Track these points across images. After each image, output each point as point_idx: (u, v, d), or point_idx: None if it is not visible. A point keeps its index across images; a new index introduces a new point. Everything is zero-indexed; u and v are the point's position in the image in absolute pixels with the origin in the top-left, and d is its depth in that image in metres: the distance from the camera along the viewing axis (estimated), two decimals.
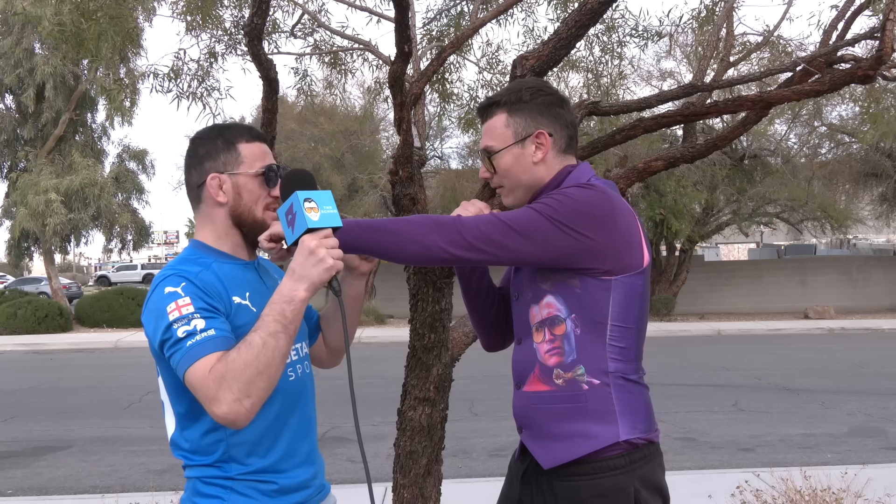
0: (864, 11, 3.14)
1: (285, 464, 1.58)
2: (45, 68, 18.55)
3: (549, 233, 1.56)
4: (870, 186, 20.28)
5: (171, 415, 1.59)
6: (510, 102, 1.75)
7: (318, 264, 1.44)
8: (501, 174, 1.76)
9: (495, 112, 1.76)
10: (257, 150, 1.70)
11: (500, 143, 1.75)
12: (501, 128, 1.75)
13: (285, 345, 1.43)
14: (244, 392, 1.38)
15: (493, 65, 5.63)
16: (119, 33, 4.12)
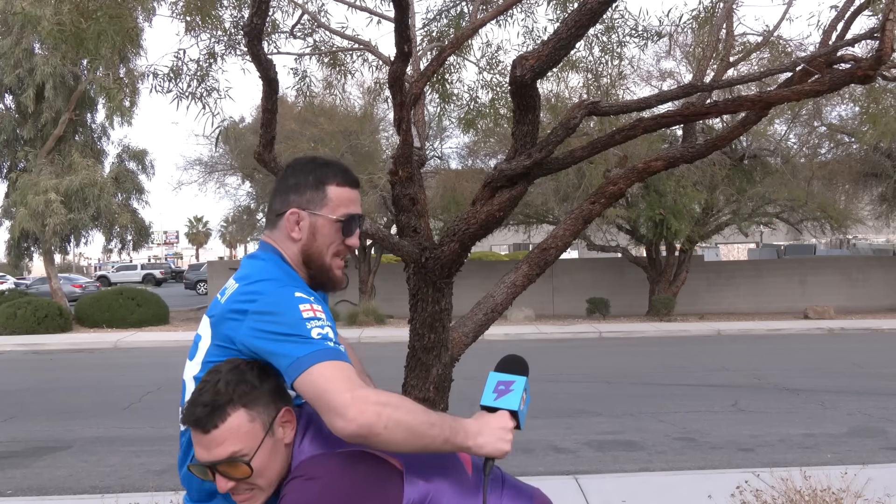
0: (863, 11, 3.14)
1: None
2: (44, 68, 18.54)
3: None
4: (869, 186, 20.28)
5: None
6: (245, 393, 1.55)
7: (501, 443, 1.56)
8: (255, 476, 1.55)
9: (230, 413, 1.54)
10: (346, 195, 1.70)
11: (247, 444, 1.54)
12: (245, 426, 1.53)
13: (422, 443, 1.46)
14: (376, 407, 1.40)
15: (492, 65, 5.63)
16: (119, 33, 4.12)
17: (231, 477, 1.53)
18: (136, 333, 17.84)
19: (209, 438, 1.51)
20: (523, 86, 2.74)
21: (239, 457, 1.51)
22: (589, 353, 13.83)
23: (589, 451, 6.48)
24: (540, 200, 18.06)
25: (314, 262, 1.67)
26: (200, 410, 1.52)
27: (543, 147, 2.88)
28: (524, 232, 21.78)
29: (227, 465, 1.52)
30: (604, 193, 3.11)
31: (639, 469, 5.85)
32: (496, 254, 40.22)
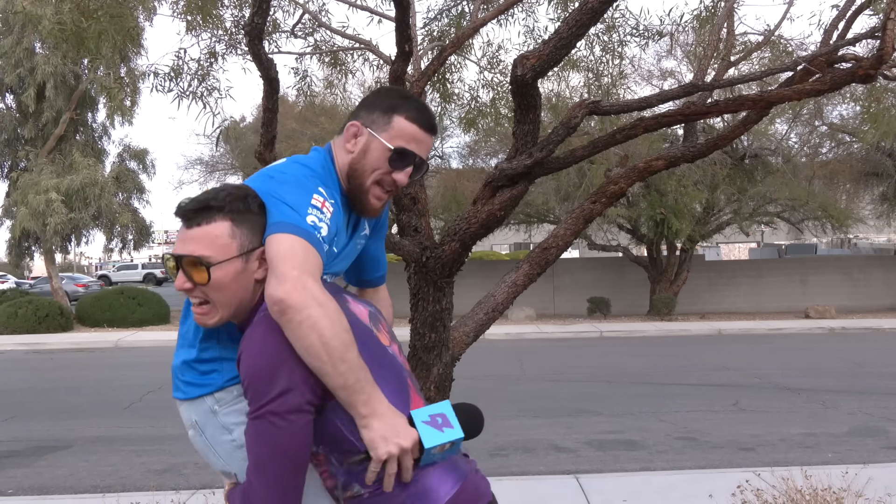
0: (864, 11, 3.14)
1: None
2: (45, 68, 18.55)
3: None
4: (870, 186, 20.27)
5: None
6: (236, 211, 1.60)
7: (385, 443, 1.50)
8: (212, 287, 1.59)
9: (216, 217, 1.59)
10: (411, 131, 1.72)
11: (217, 254, 1.58)
12: (224, 238, 1.58)
13: (320, 366, 1.48)
14: (310, 299, 1.46)
15: (493, 64, 5.63)
16: (119, 32, 4.12)
17: (189, 277, 1.59)
18: (137, 333, 17.85)
19: (189, 234, 1.58)
20: (524, 85, 2.74)
21: (204, 259, 1.57)
22: (590, 352, 13.82)
23: (590, 450, 6.48)
24: (541, 200, 18.06)
25: (355, 180, 1.72)
26: (192, 205, 1.60)
27: (544, 146, 2.88)
28: (525, 231, 21.78)
29: (191, 265, 1.58)
30: (605, 193, 3.11)
31: (639, 468, 5.84)
32: (497, 253, 40.22)
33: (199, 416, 1.71)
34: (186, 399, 1.73)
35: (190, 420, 1.74)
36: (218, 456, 1.71)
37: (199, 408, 1.70)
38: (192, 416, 1.73)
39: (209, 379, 1.70)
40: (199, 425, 1.71)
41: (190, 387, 1.72)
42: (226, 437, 1.69)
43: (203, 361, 1.71)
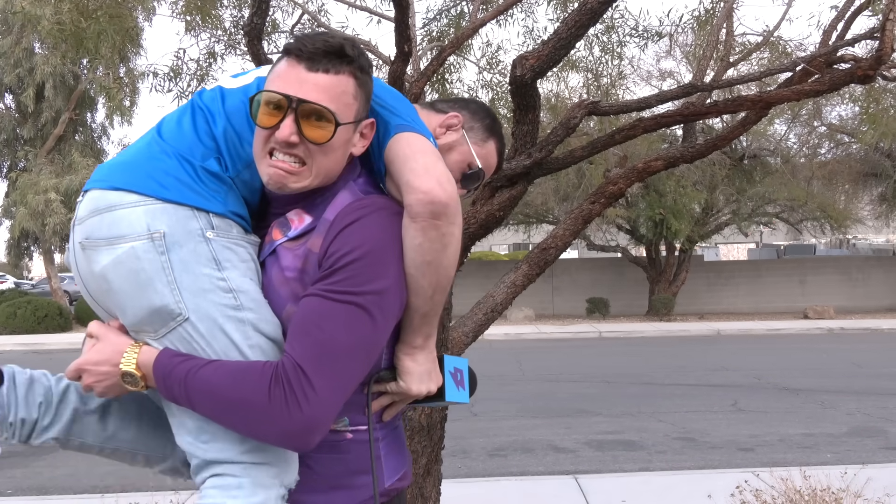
0: (863, 12, 3.14)
1: None
2: (44, 68, 18.55)
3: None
4: (869, 186, 20.28)
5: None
6: (363, 68, 1.34)
7: (425, 382, 1.40)
8: (324, 148, 1.32)
9: (344, 70, 1.31)
10: (493, 161, 1.68)
11: (342, 112, 1.31)
12: (348, 96, 1.32)
13: (435, 280, 1.34)
14: (459, 216, 1.32)
15: (493, 65, 5.63)
16: (119, 32, 4.12)
17: (304, 131, 1.28)
18: None
19: (311, 78, 1.27)
20: (523, 85, 2.75)
21: (335, 114, 1.28)
22: (589, 352, 13.83)
23: (589, 450, 6.48)
24: (540, 200, 18.07)
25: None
26: (321, 44, 1.28)
27: (543, 147, 2.88)
28: (524, 232, 21.78)
29: (315, 115, 1.28)
30: (604, 193, 3.11)
31: (638, 469, 5.85)
32: (496, 253, 40.22)
33: (172, 227, 1.27)
34: (161, 199, 1.28)
35: (145, 227, 1.26)
36: (173, 287, 1.25)
37: (179, 220, 1.28)
38: (157, 224, 1.26)
39: (214, 195, 1.33)
40: (165, 239, 1.26)
41: (183, 187, 1.30)
42: (208, 270, 1.27)
43: (210, 174, 1.34)
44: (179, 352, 1.28)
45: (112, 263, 1.27)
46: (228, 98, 1.40)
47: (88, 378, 1.34)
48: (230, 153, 1.36)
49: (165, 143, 1.36)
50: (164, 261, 1.26)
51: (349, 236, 1.29)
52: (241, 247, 1.34)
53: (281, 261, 1.35)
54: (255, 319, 1.29)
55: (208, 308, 1.27)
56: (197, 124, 1.37)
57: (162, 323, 1.27)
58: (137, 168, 1.33)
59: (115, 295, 1.29)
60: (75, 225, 1.35)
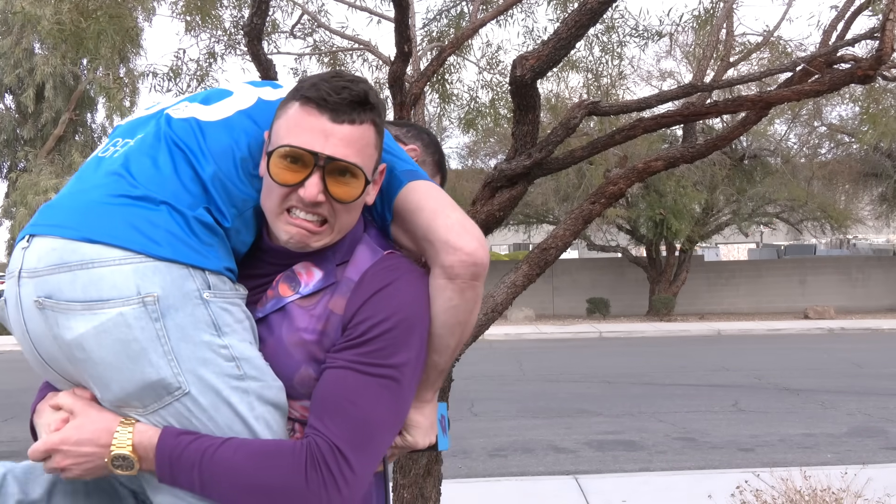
0: (863, 12, 3.14)
1: None
2: (44, 68, 18.57)
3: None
4: (869, 186, 20.28)
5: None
6: (381, 115, 1.25)
7: (428, 435, 1.37)
8: (350, 206, 1.23)
9: (367, 119, 1.22)
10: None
11: (367, 166, 1.23)
12: (371, 148, 1.23)
13: (453, 341, 1.32)
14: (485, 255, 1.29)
15: (492, 65, 5.64)
16: (118, 33, 4.13)
17: (331, 190, 1.17)
18: None
19: (338, 130, 1.16)
20: (523, 86, 2.74)
21: (366, 173, 1.19)
22: (589, 353, 13.82)
23: (589, 450, 6.48)
24: (540, 200, 18.07)
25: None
26: (348, 94, 1.17)
27: (543, 147, 2.88)
28: (524, 232, 21.78)
29: (345, 174, 1.17)
30: (604, 193, 3.11)
31: (639, 469, 5.85)
32: (496, 254, 40.24)
33: (166, 289, 1.10)
34: (151, 257, 1.10)
35: (135, 289, 1.08)
36: (170, 358, 1.10)
37: (174, 280, 1.11)
38: (149, 286, 1.09)
39: (209, 251, 1.17)
40: (159, 303, 1.09)
41: (176, 242, 1.13)
42: (208, 337, 1.13)
43: (203, 226, 1.17)
44: (184, 430, 1.14)
45: (93, 332, 1.08)
46: (210, 135, 1.23)
47: (64, 460, 1.14)
48: (221, 202, 1.20)
49: (141, 185, 1.16)
50: (158, 328, 1.09)
51: (381, 304, 1.21)
52: (236, 305, 1.20)
53: (294, 321, 1.24)
54: (259, 388, 1.18)
55: (211, 380, 1.13)
56: (177, 166, 1.19)
57: (155, 398, 1.12)
58: (114, 216, 1.13)
59: (95, 367, 1.10)
60: (22, 277, 1.12)
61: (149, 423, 1.14)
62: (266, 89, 1.35)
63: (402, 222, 1.31)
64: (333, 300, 1.23)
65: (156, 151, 1.21)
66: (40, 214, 1.19)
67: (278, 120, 1.21)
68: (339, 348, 1.20)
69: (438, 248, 1.24)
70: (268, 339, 1.25)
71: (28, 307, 1.12)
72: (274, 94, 1.33)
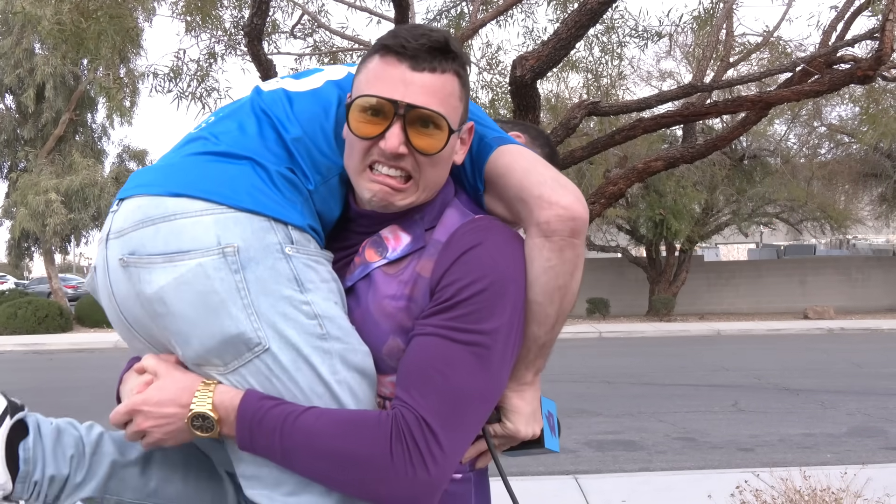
0: (863, 12, 3.15)
1: None
2: (45, 68, 18.57)
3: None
4: (869, 187, 20.30)
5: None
6: (464, 66, 1.19)
7: (532, 424, 1.26)
8: (435, 158, 1.16)
9: (450, 68, 1.15)
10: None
11: (451, 116, 1.15)
12: (454, 98, 1.16)
13: (559, 304, 1.20)
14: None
15: (493, 65, 5.64)
16: (119, 33, 4.13)
17: (413, 141, 1.12)
18: None
19: (418, 77, 1.11)
20: (523, 86, 2.75)
21: (449, 121, 1.12)
22: (589, 353, 13.83)
23: (589, 450, 6.48)
24: None
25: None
26: (427, 39, 1.12)
27: None
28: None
29: (428, 123, 1.11)
30: (604, 193, 3.12)
31: (638, 469, 5.85)
32: None
33: (246, 241, 1.07)
34: (232, 207, 1.08)
35: (215, 240, 1.06)
36: (250, 311, 1.06)
37: (255, 232, 1.08)
38: (229, 236, 1.06)
39: (292, 206, 1.14)
40: (239, 254, 1.06)
41: (258, 194, 1.10)
42: (289, 292, 1.08)
43: (287, 181, 1.15)
44: (267, 395, 1.09)
45: (173, 284, 1.05)
46: (297, 102, 1.22)
47: (145, 421, 1.13)
48: (306, 165, 1.18)
49: (224, 143, 1.16)
50: (238, 280, 1.05)
51: (469, 264, 1.12)
52: (322, 265, 1.15)
53: (381, 288, 1.18)
54: (343, 350, 1.12)
55: (291, 336, 1.08)
56: (262, 129, 1.18)
57: (235, 354, 1.08)
58: (196, 170, 1.12)
59: (175, 321, 1.07)
60: (109, 239, 1.13)
61: (230, 385, 1.10)
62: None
63: (494, 188, 1.24)
64: (421, 263, 1.16)
65: (241, 116, 1.21)
66: (129, 180, 1.19)
67: (359, 75, 1.17)
68: (427, 314, 1.13)
69: (532, 205, 1.15)
70: (355, 308, 1.19)
71: (114, 268, 1.12)
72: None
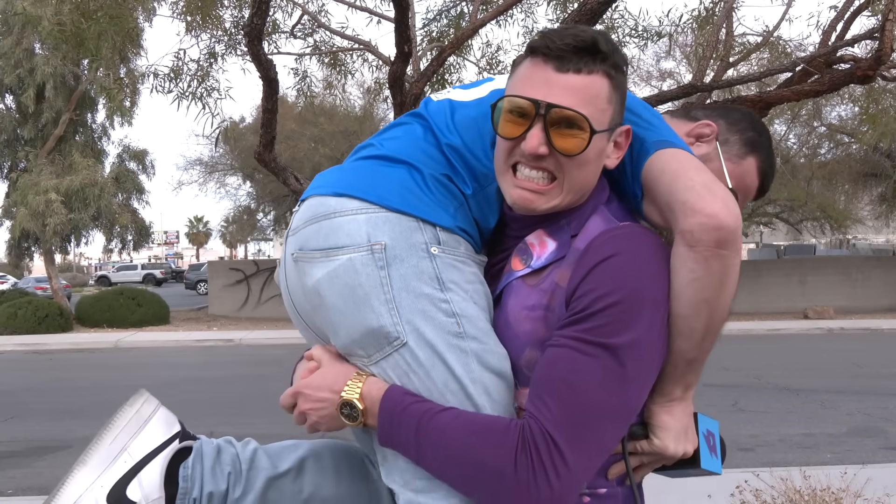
0: (863, 12, 3.15)
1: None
2: (45, 68, 18.55)
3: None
4: (869, 187, 20.30)
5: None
6: (618, 66, 1.14)
7: (682, 441, 1.21)
8: (578, 160, 1.13)
9: (598, 69, 1.12)
10: (751, 183, 1.44)
11: (595, 118, 1.12)
12: (601, 100, 1.13)
13: (709, 320, 1.14)
14: (741, 242, 1.13)
15: (492, 65, 5.64)
16: (119, 33, 4.13)
17: (555, 141, 1.11)
18: (137, 333, 17.85)
19: (562, 80, 1.10)
20: None
21: (592, 121, 1.10)
22: None
23: None
24: None
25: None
26: (571, 39, 1.10)
27: None
28: None
29: (569, 123, 1.10)
30: None
31: None
32: None
33: (394, 239, 1.13)
34: (384, 207, 1.15)
35: (365, 237, 1.13)
36: (391, 306, 1.12)
37: (403, 231, 1.14)
38: (378, 234, 1.13)
39: (443, 208, 1.17)
40: (386, 252, 1.13)
41: (409, 195, 1.16)
42: (430, 290, 1.13)
43: (440, 185, 1.19)
44: (410, 391, 1.13)
45: (327, 277, 1.14)
46: (459, 111, 1.26)
47: (304, 403, 1.21)
48: (463, 171, 1.20)
49: (385, 147, 1.23)
50: (383, 276, 1.12)
51: (605, 274, 1.09)
52: (469, 266, 1.18)
53: (521, 298, 1.17)
54: (480, 350, 1.14)
55: (429, 333, 1.12)
56: (424, 136, 1.23)
57: (377, 346, 1.14)
58: (360, 173, 1.20)
59: (328, 312, 1.16)
60: (288, 236, 1.23)
61: (372, 373, 1.16)
62: None
63: (648, 194, 1.20)
64: (560, 272, 1.14)
65: (407, 124, 1.27)
66: (314, 181, 1.27)
67: (510, 78, 1.18)
68: (562, 325, 1.11)
69: (678, 212, 1.12)
70: (498, 316, 1.19)
71: (289, 263, 1.22)
72: None
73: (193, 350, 15.20)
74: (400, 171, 1.18)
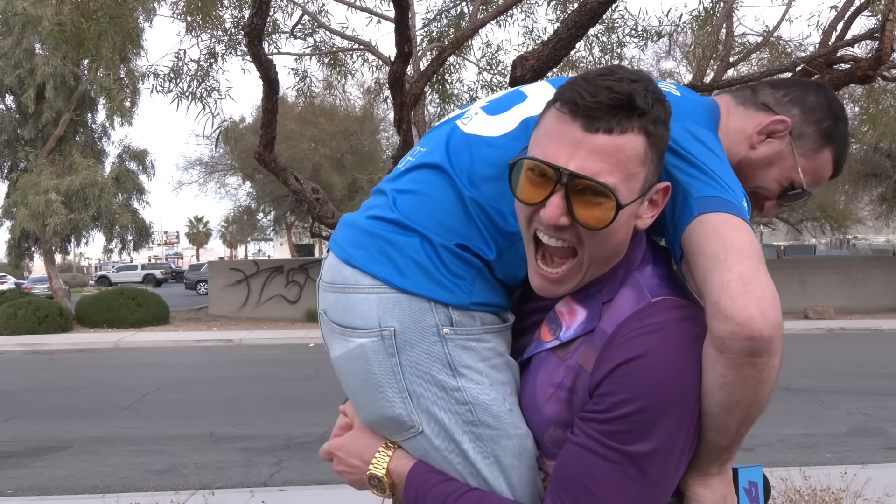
0: (863, 12, 3.15)
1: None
2: (45, 68, 18.55)
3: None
4: (869, 187, 20.30)
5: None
6: (658, 120, 1.02)
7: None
8: (600, 237, 1.04)
9: (633, 126, 1.00)
10: (825, 174, 1.32)
11: (626, 185, 1.02)
12: (635, 163, 1.01)
13: (742, 415, 1.13)
14: (781, 342, 1.05)
15: (492, 65, 5.65)
16: (119, 33, 4.13)
17: (577, 213, 1.00)
18: (137, 333, 17.85)
19: (590, 139, 0.98)
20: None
21: (618, 194, 0.99)
22: None
23: None
24: None
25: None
26: (606, 95, 0.97)
27: None
28: None
29: (590, 192, 0.99)
30: None
31: None
32: None
33: (403, 323, 1.09)
34: (395, 288, 1.10)
35: (376, 321, 1.10)
36: (405, 395, 1.11)
37: (413, 314, 1.09)
38: (388, 319, 1.09)
39: (457, 285, 1.11)
40: (396, 338, 1.09)
41: (420, 274, 1.10)
42: (442, 377, 1.10)
43: (454, 256, 1.11)
44: (435, 469, 1.13)
45: (344, 358, 1.14)
46: (480, 155, 1.14)
47: (338, 465, 1.24)
48: (487, 230, 1.12)
49: (398, 208, 1.14)
50: (394, 364, 1.10)
51: (629, 379, 1.02)
52: (485, 342, 1.12)
53: (549, 372, 1.12)
54: (495, 436, 1.11)
55: (443, 419, 1.11)
56: (441, 190, 1.13)
57: (395, 431, 1.15)
58: (368, 239, 1.14)
59: (348, 389, 1.18)
60: (320, 284, 1.21)
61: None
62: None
63: (685, 264, 1.10)
64: (586, 354, 1.08)
65: (425, 168, 1.17)
66: (342, 219, 1.23)
67: (537, 126, 1.06)
68: (584, 416, 1.06)
69: (709, 312, 1.01)
70: (525, 384, 1.15)
71: (322, 315, 1.21)
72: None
73: (193, 350, 15.20)
74: (412, 243, 1.10)
